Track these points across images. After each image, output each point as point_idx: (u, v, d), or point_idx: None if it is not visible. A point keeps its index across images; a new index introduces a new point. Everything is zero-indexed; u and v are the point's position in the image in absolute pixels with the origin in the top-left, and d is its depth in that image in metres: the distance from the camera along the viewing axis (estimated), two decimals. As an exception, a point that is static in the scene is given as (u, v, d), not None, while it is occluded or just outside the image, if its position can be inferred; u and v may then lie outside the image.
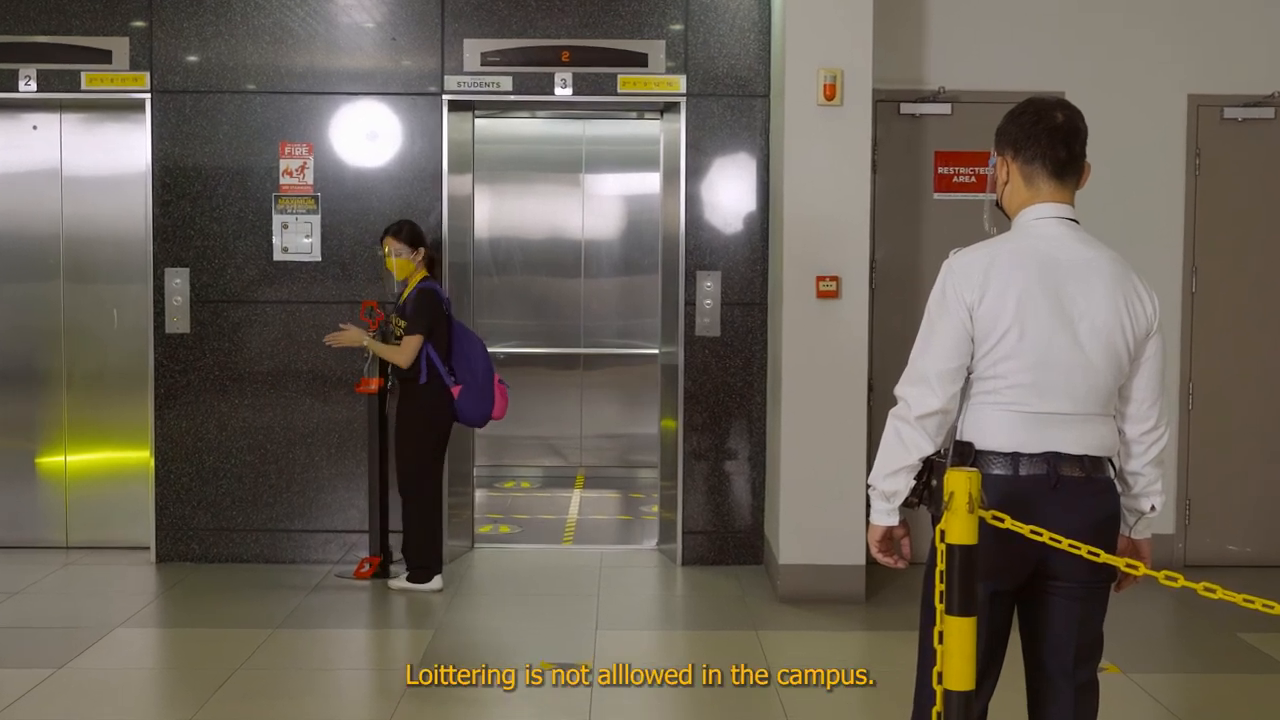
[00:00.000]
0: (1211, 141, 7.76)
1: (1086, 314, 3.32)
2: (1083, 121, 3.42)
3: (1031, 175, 3.43)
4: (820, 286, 6.90)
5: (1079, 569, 3.30)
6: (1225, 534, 7.85)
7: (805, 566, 6.93)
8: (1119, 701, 5.39)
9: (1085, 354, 3.32)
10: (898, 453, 3.37)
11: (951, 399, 3.35)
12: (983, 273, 3.35)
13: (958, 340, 3.35)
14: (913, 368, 3.40)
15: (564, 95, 7.65)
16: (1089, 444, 3.34)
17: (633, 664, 5.80)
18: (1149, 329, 3.38)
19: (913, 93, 7.68)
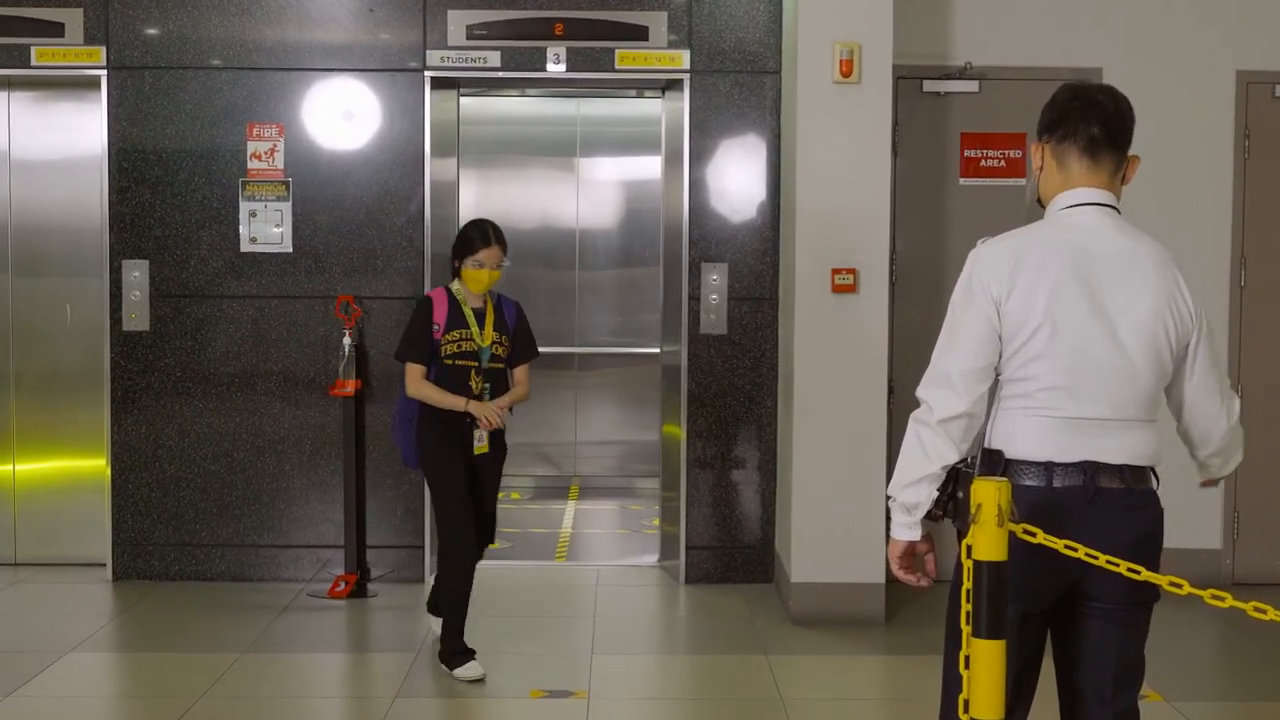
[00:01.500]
0: (1262, 122, 7.76)
1: (1126, 310, 3.32)
2: (1128, 106, 3.43)
3: (1064, 156, 3.43)
4: (836, 280, 6.91)
5: (1118, 588, 3.30)
6: (1276, 550, 7.85)
7: (820, 585, 6.93)
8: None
9: (1125, 354, 3.32)
10: (919, 460, 3.37)
11: (977, 401, 3.35)
12: (1011, 264, 3.35)
13: (984, 337, 3.35)
14: (935, 367, 3.40)
15: (556, 72, 7.65)
16: (1130, 453, 3.34)
17: (632, 691, 5.79)
18: (1193, 320, 3.38)
19: (937, 69, 7.68)
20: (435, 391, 6.06)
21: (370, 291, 7.64)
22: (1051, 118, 3.45)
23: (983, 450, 3.38)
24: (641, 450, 10.34)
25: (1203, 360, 3.42)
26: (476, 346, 6.14)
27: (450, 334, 6.10)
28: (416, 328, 6.13)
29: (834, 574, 6.93)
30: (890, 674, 6.31)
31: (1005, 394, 3.38)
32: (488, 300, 6.26)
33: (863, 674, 6.31)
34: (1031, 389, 3.34)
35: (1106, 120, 3.39)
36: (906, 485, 3.40)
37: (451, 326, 6.12)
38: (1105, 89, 3.45)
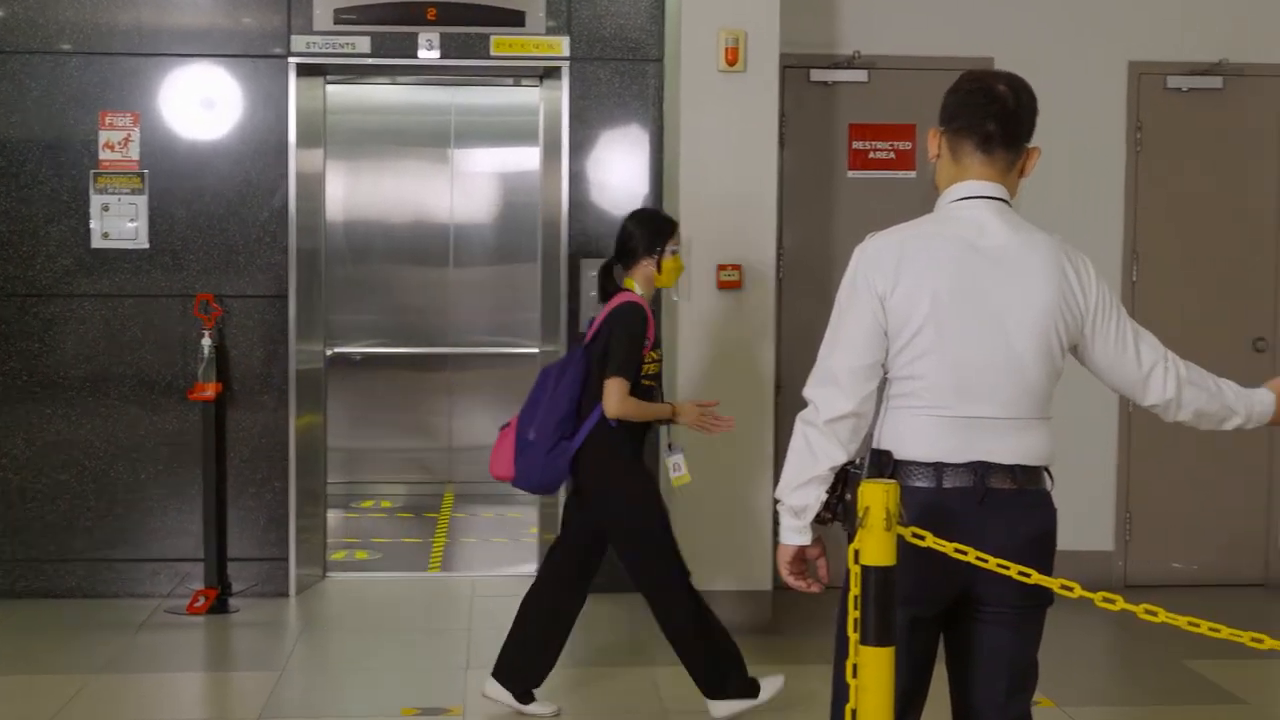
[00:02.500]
0: (1154, 114, 7.93)
1: (1014, 306, 3.36)
2: (1030, 99, 3.46)
3: (959, 148, 3.47)
4: (721, 276, 6.94)
5: (1010, 592, 3.34)
6: (1169, 551, 8.02)
7: (705, 594, 6.90)
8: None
9: (1014, 351, 3.36)
10: (806, 462, 3.39)
11: (864, 401, 3.38)
12: (896, 259, 3.38)
13: (869, 335, 3.38)
14: (821, 366, 3.43)
15: (429, 58, 7.61)
16: (1021, 452, 3.38)
17: (508, 708, 5.77)
18: (1084, 312, 3.43)
19: (825, 58, 7.74)
20: (640, 405, 5.58)
21: (231, 290, 7.55)
22: (952, 107, 3.48)
23: (871, 450, 3.41)
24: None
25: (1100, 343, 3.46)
26: (661, 364, 5.75)
27: (655, 351, 5.65)
28: (637, 341, 5.53)
29: (720, 581, 6.96)
30: (778, 685, 6.35)
31: (893, 393, 3.41)
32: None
33: (750, 685, 6.34)
34: (919, 388, 3.37)
35: (1005, 116, 3.42)
36: (794, 488, 3.42)
37: (656, 343, 5.66)
38: (1009, 80, 3.47)
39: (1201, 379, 3.53)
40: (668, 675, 6.29)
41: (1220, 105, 7.96)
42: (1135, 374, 3.49)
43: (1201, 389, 3.51)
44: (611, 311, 5.62)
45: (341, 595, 7.71)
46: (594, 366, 5.60)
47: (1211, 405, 3.53)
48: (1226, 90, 7.94)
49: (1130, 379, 3.50)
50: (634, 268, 5.71)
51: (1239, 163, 7.99)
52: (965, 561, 3.21)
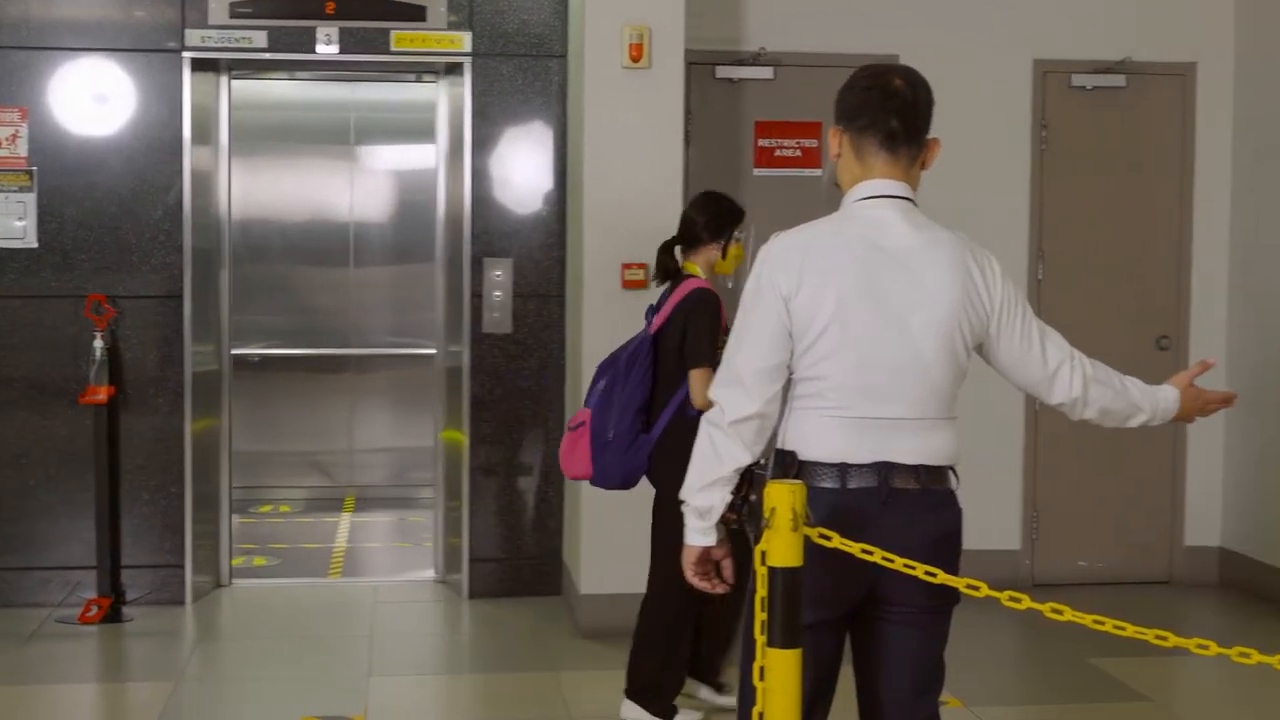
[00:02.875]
0: (1059, 112, 8.03)
1: (919, 306, 3.38)
2: (926, 92, 3.47)
3: (862, 148, 3.48)
4: (626, 275, 6.94)
5: (916, 592, 3.36)
6: (1075, 550, 8.12)
7: (611, 596, 6.95)
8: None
9: (918, 351, 3.38)
10: (712, 463, 3.40)
11: (769, 401, 3.39)
12: (801, 260, 3.39)
13: (774, 336, 3.39)
14: (726, 367, 3.44)
15: (328, 53, 7.55)
16: (925, 452, 3.40)
17: (412, 715, 5.75)
18: (989, 314, 3.45)
19: (730, 54, 7.77)
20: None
21: (124, 290, 7.44)
22: (849, 106, 3.49)
23: (776, 451, 3.42)
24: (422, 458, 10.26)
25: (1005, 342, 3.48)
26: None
27: (723, 336, 5.33)
28: (716, 330, 5.48)
29: (626, 585, 6.93)
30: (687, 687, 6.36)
31: (798, 393, 3.42)
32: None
33: (657, 689, 6.35)
34: (823, 388, 3.38)
35: (905, 111, 3.43)
36: (700, 489, 3.42)
37: (726, 329, 5.45)
38: (904, 73, 3.48)
39: (1107, 377, 3.57)
40: (572, 680, 6.29)
41: (1124, 103, 8.07)
42: (1041, 372, 3.52)
43: (1107, 387, 3.56)
44: (684, 300, 5.56)
45: (240, 602, 7.64)
46: (664, 356, 5.57)
47: (1117, 403, 3.57)
48: (1130, 88, 8.05)
49: (1036, 377, 3.53)
50: (697, 252, 5.70)
51: (1142, 161, 8.10)
52: (871, 562, 3.23)
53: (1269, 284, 7.82)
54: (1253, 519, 7.96)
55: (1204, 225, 8.13)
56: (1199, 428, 8.00)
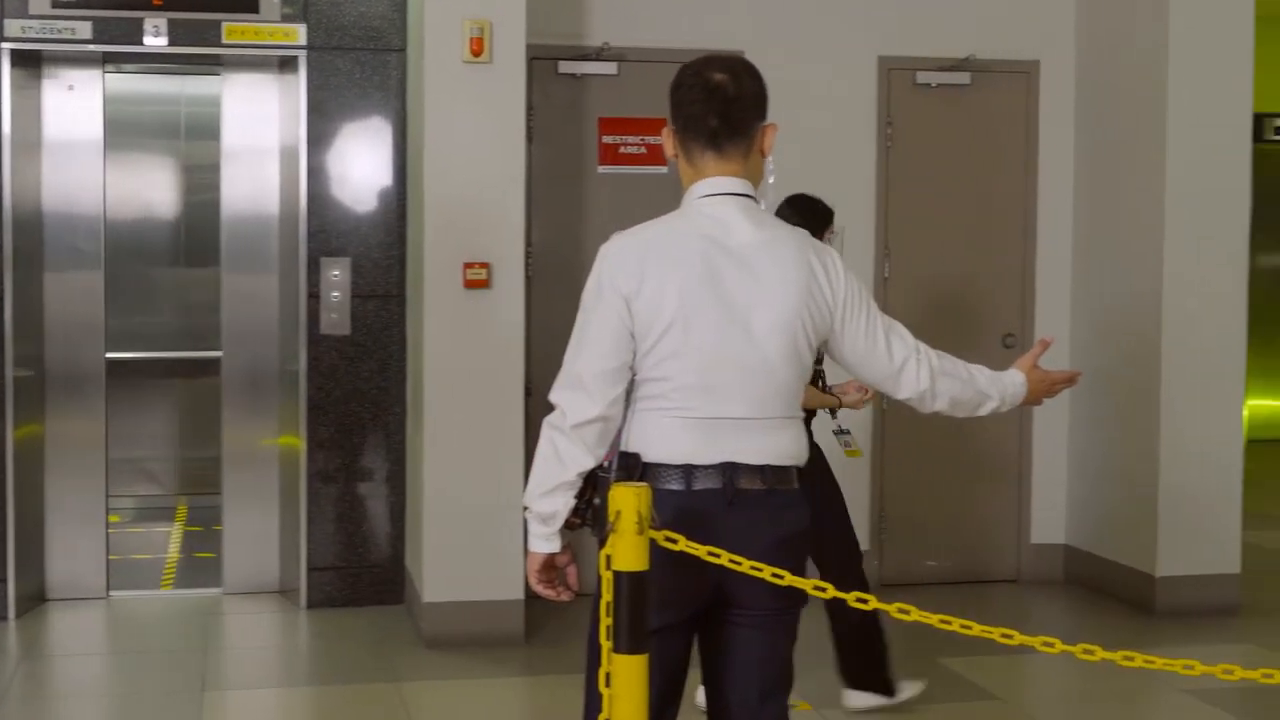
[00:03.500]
0: (904, 109, 8.14)
1: (760, 305, 3.39)
2: (753, 82, 3.47)
3: (689, 147, 3.49)
4: (468, 275, 6.91)
5: (762, 594, 3.38)
6: (922, 549, 8.25)
7: (454, 604, 6.92)
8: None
9: (761, 350, 3.39)
10: (554, 468, 3.39)
11: (612, 404, 3.39)
12: (641, 259, 3.39)
13: (615, 337, 3.39)
14: (567, 370, 3.43)
15: (156, 46, 7.42)
16: (770, 452, 3.42)
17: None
18: (832, 312, 3.47)
19: (573, 49, 7.77)
20: (815, 394, 5.74)
21: (-60, 291, 7.25)
22: (674, 105, 3.49)
23: (620, 454, 3.42)
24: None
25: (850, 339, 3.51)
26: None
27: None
28: None
29: (469, 592, 6.94)
30: (531, 696, 6.36)
31: (641, 394, 3.43)
32: None
33: (501, 697, 6.33)
34: (666, 389, 3.39)
35: (726, 107, 3.43)
36: (542, 494, 3.41)
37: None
38: (726, 65, 3.47)
39: (954, 368, 3.62)
40: (414, 691, 6.25)
41: (968, 101, 8.22)
42: (888, 368, 3.56)
43: (954, 378, 3.61)
44: None
45: (67, 617, 7.47)
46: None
47: (966, 393, 3.63)
48: (974, 86, 8.20)
49: (883, 373, 3.57)
50: None
51: (987, 159, 8.25)
52: (716, 564, 3.24)
53: (1110, 282, 8.00)
54: (1096, 516, 8.14)
55: (1047, 223, 8.30)
56: (1043, 427, 8.20)
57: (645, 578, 3.13)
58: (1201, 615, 7.41)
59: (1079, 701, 6.36)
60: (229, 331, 8.03)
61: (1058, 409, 8.19)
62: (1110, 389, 7.95)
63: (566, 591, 3.56)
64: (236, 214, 7.97)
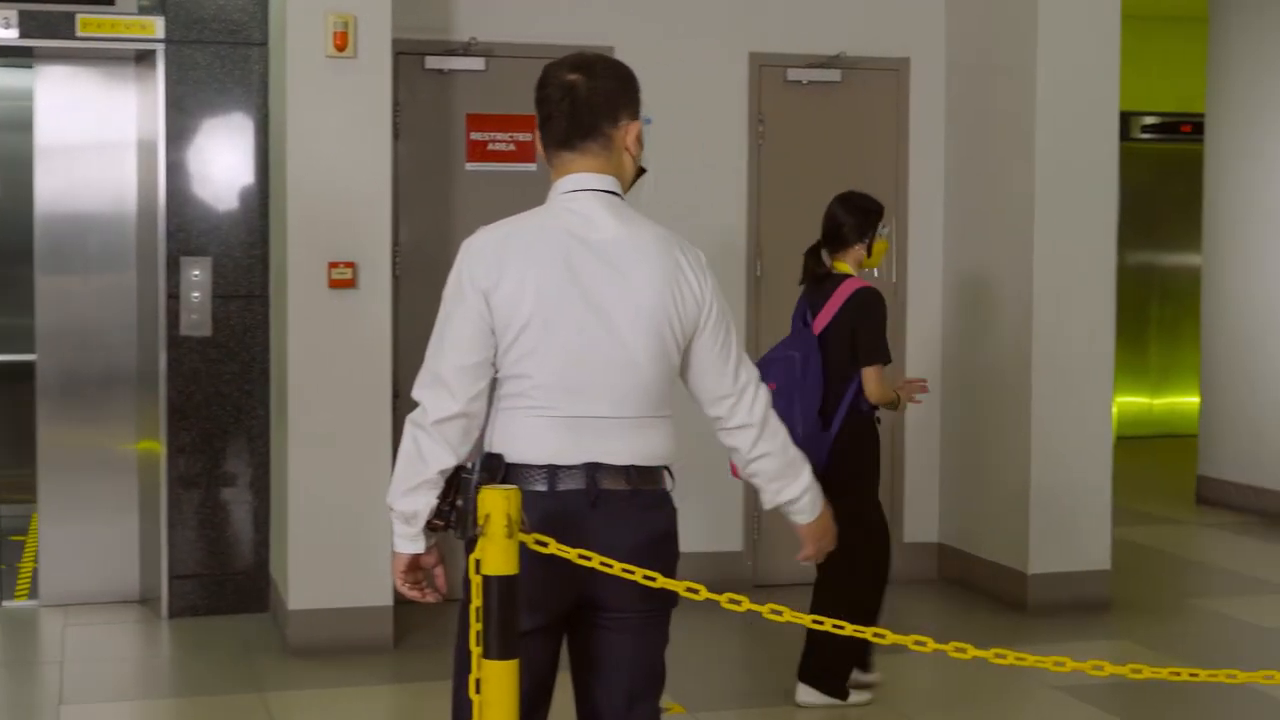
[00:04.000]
0: (775, 106, 8.20)
1: (623, 301, 3.39)
2: (609, 80, 3.47)
3: (548, 145, 3.51)
4: (333, 274, 6.85)
5: (630, 596, 3.38)
6: (796, 549, 8.27)
7: (321, 611, 6.86)
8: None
9: (624, 348, 3.39)
10: (416, 465, 3.38)
11: (473, 400, 3.38)
12: (500, 254, 3.39)
13: (475, 332, 3.38)
14: (428, 366, 3.42)
15: (6, 38, 7.28)
16: (635, 452, 3.42)
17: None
18: (699, 311, 3.48)
19: (440, 44, 7.73)
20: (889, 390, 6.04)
21: None
22: (536, 105, 3.51)
23: (484, 454, 3.41)
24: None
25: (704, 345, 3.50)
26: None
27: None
28: (884, 326, 6.02)
29: (337, 599, 6.88)
30: (400, 704, 6.33)
31: (503, 393, 3.42)
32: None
33: (369, 705, 6.30)
34: (528, 387, 3.38)
35: (576, 107, 3.43)
36: (404, 493, 3.40)
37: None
38: (581, 64, 3.48)
39: (781, 427, 3.62)
40: (280, 701, 6.19)
41: (839, 98, 8.29)
42: (730, 387, 3.53)
43: (780, 433, 3.60)
44: (850, 299, 5.98)
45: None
46: (832, 355, 5.95)
47: (780, 455, 3.61)
48: (845, 83, 8.28)
49: (723, 390, 3.53)
50: (845, 252, 6.13)
51: (858, 157, 8.32)
52: (583, 566, 3.24)
53: (981, 280, 8.11)
54: (968, 515, 8.25)
55: (918, 221, 8.40)
56: (915, 426, 8.30)
57: (515, 582, 3.12)
58: (1073, 612, 7.54)
59: (952, 699, 6.44)
60: (44, 334, 7.88)
61: (929, 408, 8.29)
62: (981, 388, 8.07)
63: (433, 593, 3.54)
64: (53, 212, 7.82)
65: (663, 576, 3.30)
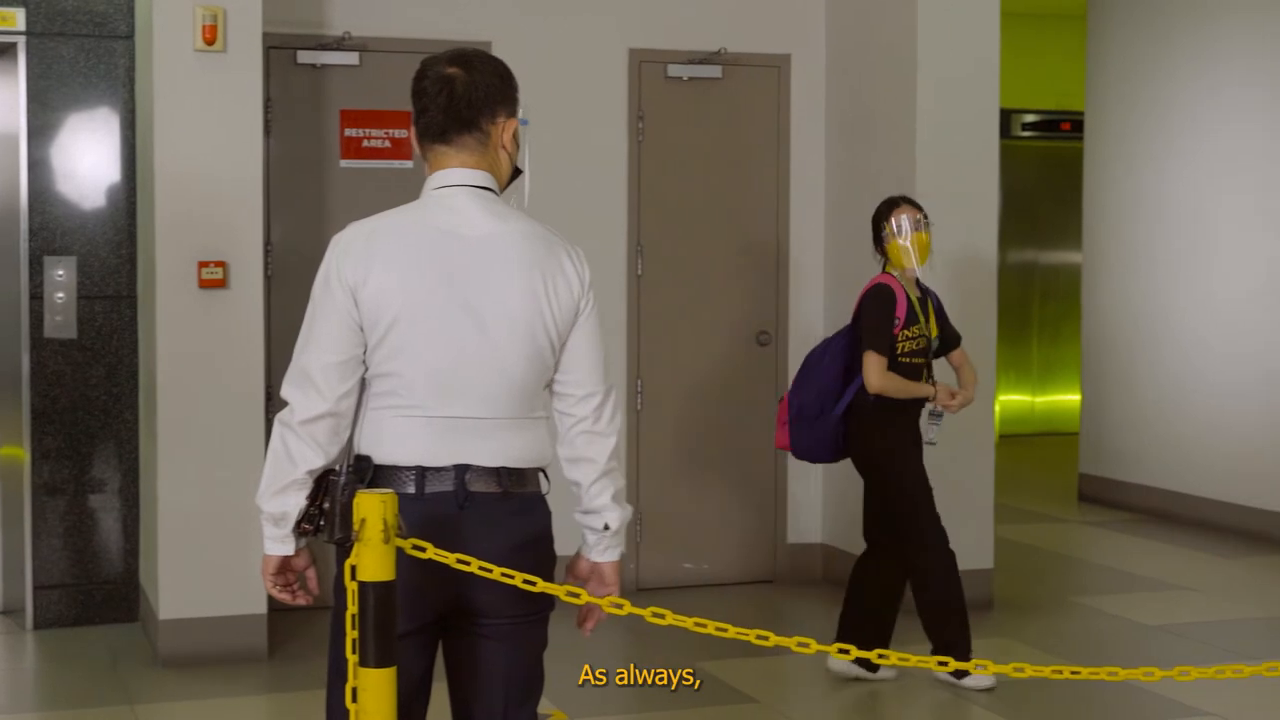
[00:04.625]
0: (655, 103, 8.22)
1: (494, 300, 3.38)
2: (488, 76, 3.46)
3: (424, 140, 3.49)
4: (203, 274, 6.78)
5: (504, 601, 3.37)
6: (680, 552, 8.33)
7: (192, 620, 6.79)
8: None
9: (495, 347, 3.38)
10: (284, 466, 3.36)
11: (341, 400, 3.35)
12: (369, 250, 3.37)
13: (343, 330, 3.36)
14: (295, 365, 3.40)
15: None
16: (507, 454, 3.40)
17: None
18: (577, 308, 3.48)
19: (313, 38, 7.67)
20: (900, 381, 6.34)
21: None
22: (412, 99, 3.49)
23: (354, 456, 3.39)
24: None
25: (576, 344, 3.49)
26: (928, 341, 6.47)
27: (909, 329, 6.39)
28: (882, 317, 6.34)
29: (209, 607, 6.81)
30: (275, 714, 6.29)
31: (373, 392, 3.40)
32: (910, 287, 6.48)
33: (243, 716, 6.26)
34: (397, 386, 3.37)
35: (454, 101, 3.43)
36: (272, 494, 3.38)
37: (910, 321, 6.40)
38: (460, 59, 3.47)
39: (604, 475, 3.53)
40: (150, 713, 6.12)
41: (720, 95, 8.33)
42: (590, 383, 3.51)
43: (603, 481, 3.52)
44: (863, 293, 6.47)
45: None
46: (852, 344, 6.43)
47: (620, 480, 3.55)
48: (726, 80, 8.31)
49: (584, 381, 3.50)
50: (883, 255, 6.53)
51: (740, 154, 8.38)
52: (456, 570, 3.23)
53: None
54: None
55: (800, 219, 8.46)
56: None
57: (392, 588, 3.11)
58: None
59: (835, 701, 6.49)
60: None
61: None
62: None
63: (305, 595, 3.52)
64: None
65: (541, 581, 3.29)
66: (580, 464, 3.53)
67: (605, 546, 3.56)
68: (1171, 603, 8.17)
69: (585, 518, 3.55)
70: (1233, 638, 7.41)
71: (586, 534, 3.57)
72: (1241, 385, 10.00)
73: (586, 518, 3.55)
